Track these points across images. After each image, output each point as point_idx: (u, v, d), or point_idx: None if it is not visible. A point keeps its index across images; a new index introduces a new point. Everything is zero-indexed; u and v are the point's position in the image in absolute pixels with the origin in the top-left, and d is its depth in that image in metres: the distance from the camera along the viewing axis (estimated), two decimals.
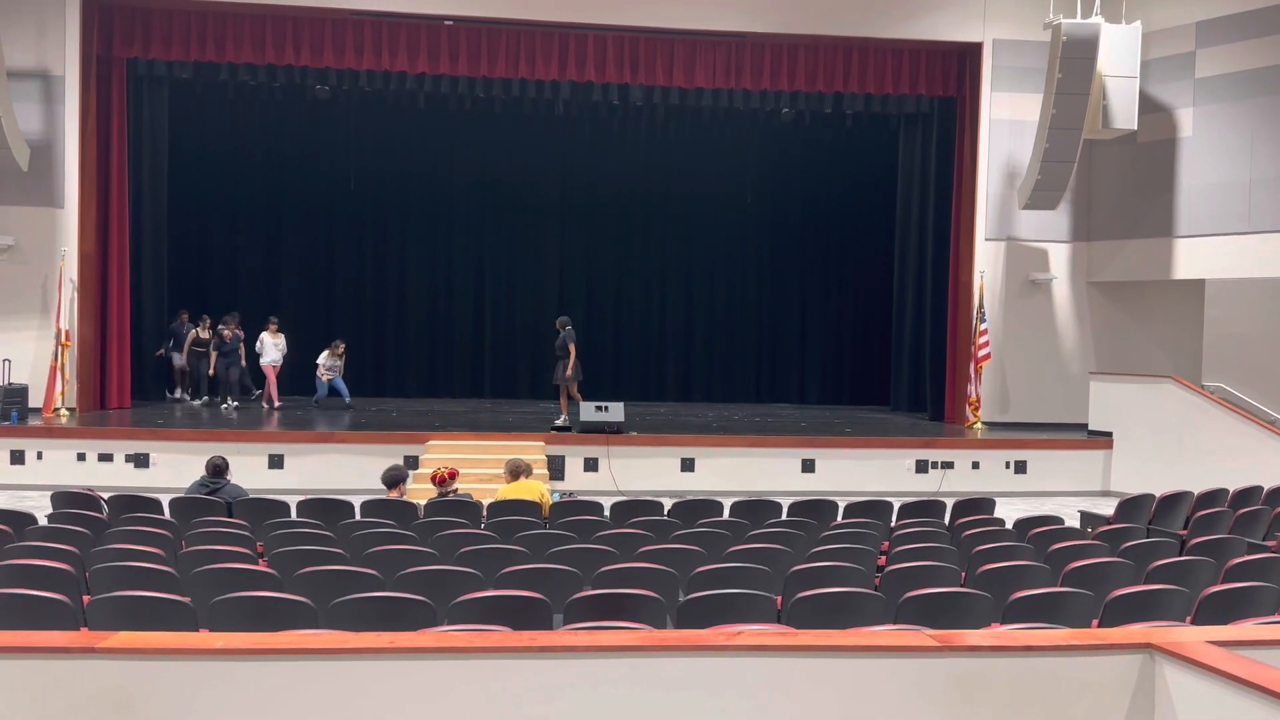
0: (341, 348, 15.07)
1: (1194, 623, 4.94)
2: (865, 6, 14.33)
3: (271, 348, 14.76)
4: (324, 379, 14.83)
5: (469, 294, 18.03)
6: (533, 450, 11.80)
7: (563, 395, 13.22)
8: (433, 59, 14.08)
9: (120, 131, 14.05)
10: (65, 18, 13.36)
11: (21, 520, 6.91)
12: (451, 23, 13.97)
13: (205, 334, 14.88)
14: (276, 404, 14.60)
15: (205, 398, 14.74)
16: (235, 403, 14.47)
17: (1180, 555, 6.47)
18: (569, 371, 12.95)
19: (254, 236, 17.44)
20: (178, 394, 15.32)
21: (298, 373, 15.54)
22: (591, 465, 12.23)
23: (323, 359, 14.90)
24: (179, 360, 15.16)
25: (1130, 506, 8.46)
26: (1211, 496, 8.71)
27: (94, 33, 13.63)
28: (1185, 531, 7.94)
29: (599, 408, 12.67)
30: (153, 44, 13.76)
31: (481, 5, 13.85)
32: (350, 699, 3.45)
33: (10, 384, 12.68)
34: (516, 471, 8.49)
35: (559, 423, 13.00)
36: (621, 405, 12.85)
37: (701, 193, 18.04)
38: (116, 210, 14.10)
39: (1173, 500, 8.63)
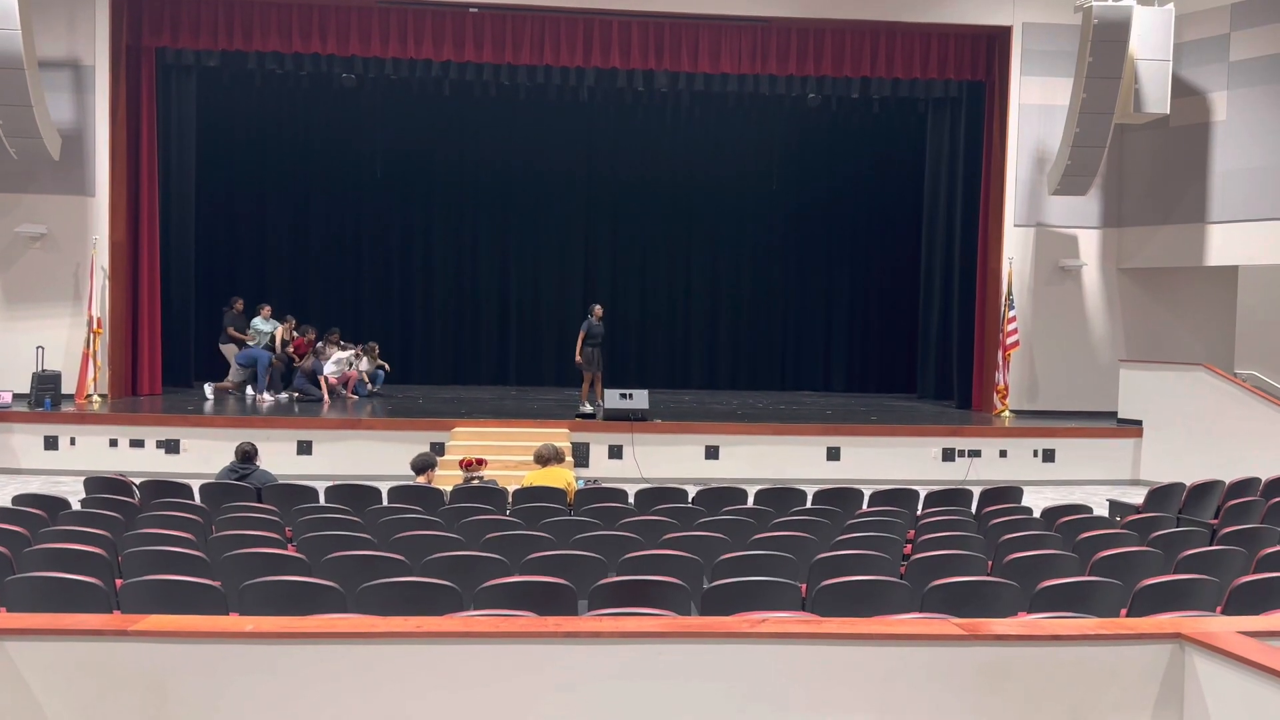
0: (376, 350, 15.04)
1: (1224, 613, 4.89)
2: None
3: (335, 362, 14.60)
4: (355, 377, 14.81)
5: (494, 281, 18.07)
6: (557, 438, 11.82)
7: (584, 381, 13.63)
8: (458, 46, 14.09)
9: (150, 120, 14.17)
10: (95, 8, 13.48)
11: (56, 505, 7.03)
12: (476, 9, 13.97)
13: (289, 335, 14.84)
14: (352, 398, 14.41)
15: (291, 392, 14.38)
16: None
17: (1211, 544, 6.40)
18: (577, 356, 13.59)
19: (281, 224, 17.54)
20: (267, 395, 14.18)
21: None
22: (616, 452, 12.25)
23: (354, 359, 14.87)
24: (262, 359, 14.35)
25: (1160, 495, 8.38)
26: (1243, 485, 8.61)
27: (123, 22, 13.75)
28: (1216, 521, 7.85)
29: (624, 395, 12.69)
30: (181, 33, 13.86)
31: None
32: (378, 682, 3.48)
33: (44, 371, 12.86)
34: (545, 459, 8.51)
35: (583, 410, 13.05)
36: (646, 393, 12.85)
37: (727, 178, 17.97)
38: (146, 198, 14.23)
39: (1203, 489, 8.53)
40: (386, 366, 15.12)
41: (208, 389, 14.18)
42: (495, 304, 18.09)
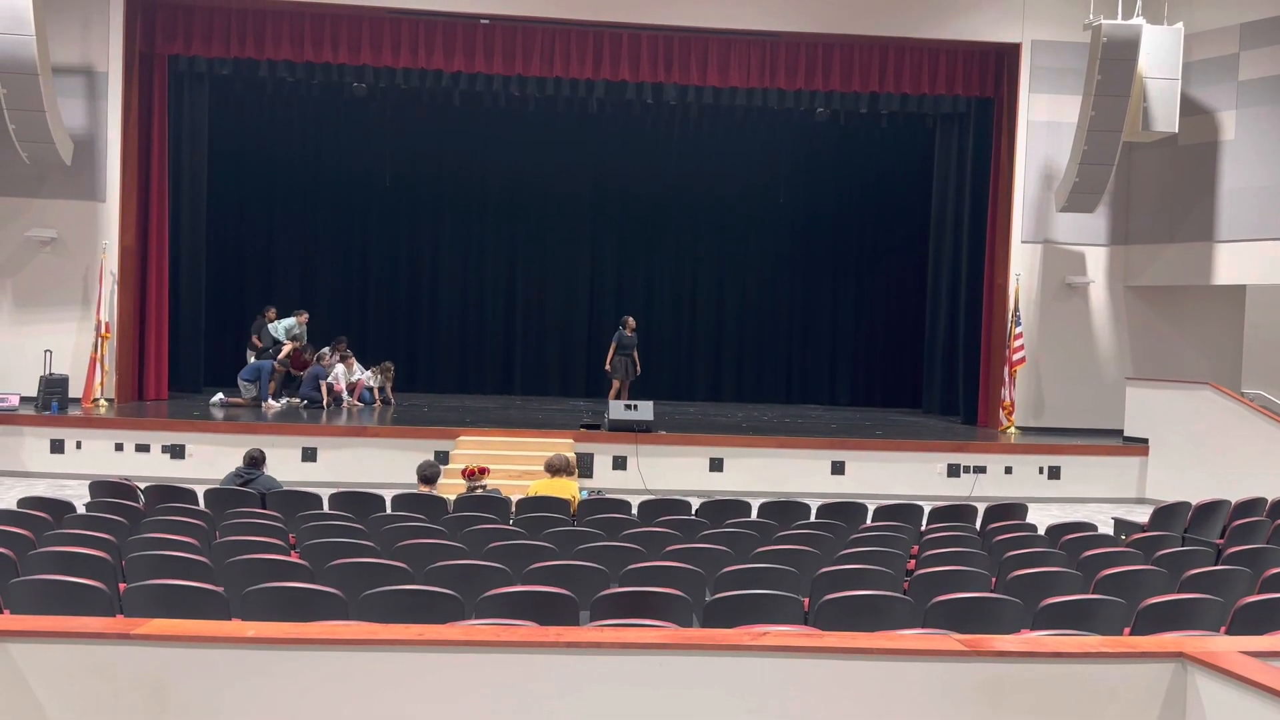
0: (391, 371, 15.12)
1: (1228, 633, 4.87)
2: (902, 6, 14.22)
3: (345, 372, 14.64)
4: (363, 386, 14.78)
5: (501, 291, 18.11)
6: (562, 448, 11.82)
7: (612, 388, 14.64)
8: (468, 57, 14.16)
9: (161, 127, 14.25)
10: (109, 15, 13.57)
11: (61, 508, 7.05)
12: (487, 21, 14.05)
13: (302, 328, 14.98)
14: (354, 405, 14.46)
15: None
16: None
17: (1216, 564, 6.38)
18: (607, 365, 14.68)
19: (290, 232, 17.61)
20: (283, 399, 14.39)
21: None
22: (620, 463, 12.25)
23: (370, 377, 14.87)
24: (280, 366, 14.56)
25: (1165, 514, 8.34)
26: (1249, 505, 8.57)
27: (137, 29, 13.84)
28: (1222, 540, 7.82)
29: (628, 406, 12.71)
30: (194, 41, 13.95)
31: (517, 4, 13.89)
32: (378, 689, 3.48)
33: (51, 374, 12.90)
34: (556, 469, 8.48)
35: (590, 420, 13.07)
36: (650, 404, 12.86)
37: (734, 192, 18.00)
38: (156, 204, 14.30)
39: (1209, 508, 8.50)
40: (389, 395, 15.05)
41: (217, 400, 14.07)
42: (501, 313, 18.13)
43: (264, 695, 3.47)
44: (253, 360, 14.67)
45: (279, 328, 14.78)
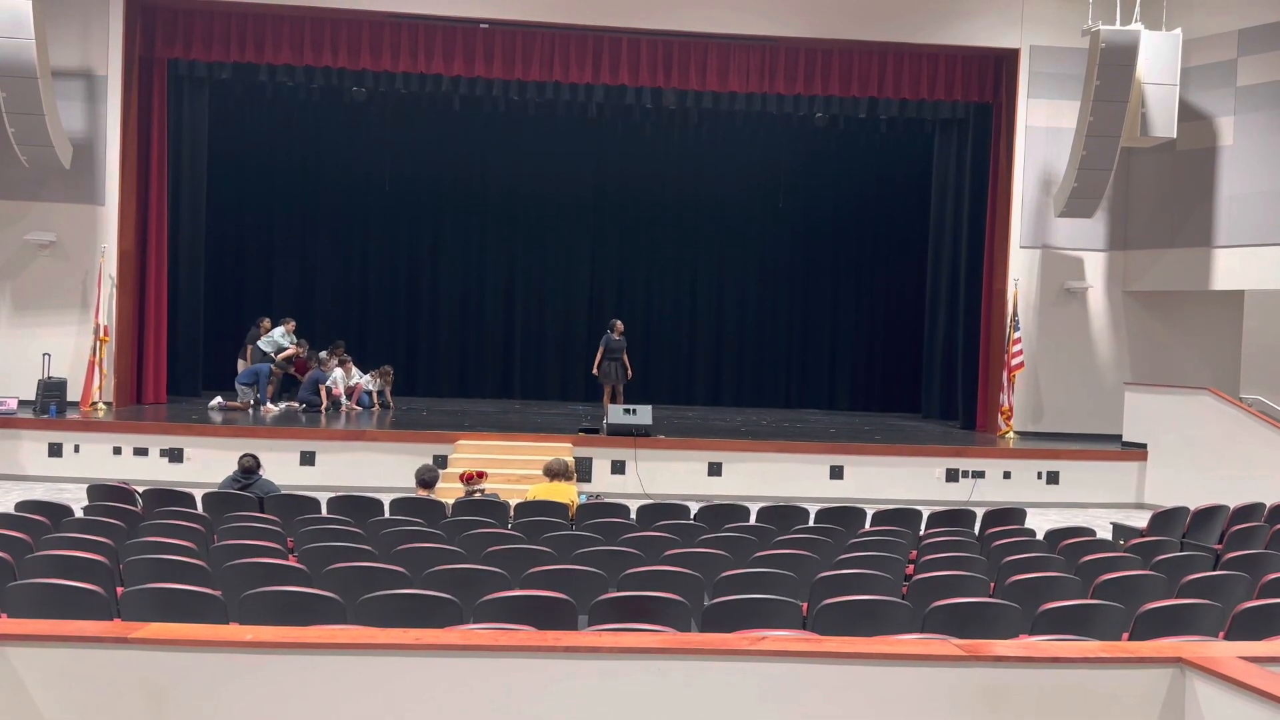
0: (390, 375, 15.10)
1: (1227, 638, 4.87)
2: (901, 12, 14.25)
3: (343, 376, 14.59)
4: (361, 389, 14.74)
5: (500, 295, 18.12)
6: (561, 452, 11.82)
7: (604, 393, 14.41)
8: (468, 61, 14.17)
9: (160, 131, 14.26)
10: (109, 18, 13.58)
11: (58, 512, 7.05)
12: (487, 25, 14.06)
13: (291, 339, 14.86)
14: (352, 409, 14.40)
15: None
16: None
17: (1214, 569, 6.38)
18: (594, 369, 14.36)
19: (289, 236, 17.62)
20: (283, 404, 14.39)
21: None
22: (619, 468, 12.25)
23: (368, 381, 14.86)
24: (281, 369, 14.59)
25: (1164, 519, 8.35)
26: (1248, 510, 8.58)
27: (137, 33, 13.85)
28: (1220, 546, 7.82)
29: (627, 410, 12.71)
30: (194, 45, 13.96)
31: (517, 8, 13.92)
32: (376, 694, 3.48)
33: (49, 378, 12.90)
34: (555, 473, 8.48)
35: (589, 424, 13.07)
36: (649, 408, 12.86)
37: (733, 196, 18.01)
38: (155, 208, 14.30)
39: (1208, 514, 8.50)
40: (388, 398, 15.03)
41: (215, 404, 14.05)
42: (501, 317, 18.13)
43: (262, 699, 3.47)
44: (243, 368, 14.65)
45: (271, 339, 14.69)
